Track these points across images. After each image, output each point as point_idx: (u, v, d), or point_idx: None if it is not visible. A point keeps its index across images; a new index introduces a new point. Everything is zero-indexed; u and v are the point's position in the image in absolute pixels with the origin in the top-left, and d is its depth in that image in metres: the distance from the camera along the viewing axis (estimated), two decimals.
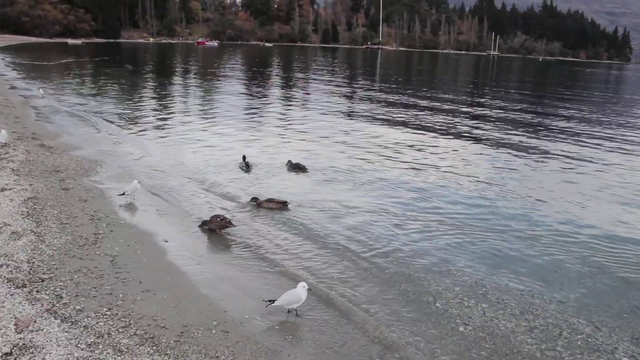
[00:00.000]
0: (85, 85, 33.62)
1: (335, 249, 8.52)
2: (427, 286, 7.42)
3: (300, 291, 6.17)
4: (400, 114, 25.38)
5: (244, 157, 13.72)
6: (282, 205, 10.44)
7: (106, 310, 5.72)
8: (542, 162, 15.82)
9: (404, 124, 22.09)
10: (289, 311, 6.27)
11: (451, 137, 19.65)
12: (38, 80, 32.98)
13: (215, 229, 8.81)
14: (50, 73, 40.62)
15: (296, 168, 13.51)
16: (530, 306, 6.98)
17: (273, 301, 6.16)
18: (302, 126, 20.77)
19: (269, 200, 10.49)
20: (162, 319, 5.76)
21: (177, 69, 55.60)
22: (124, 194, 9.95)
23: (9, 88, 28.05)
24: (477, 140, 19.20)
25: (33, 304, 5.46)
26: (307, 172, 13.42)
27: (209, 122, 20.82)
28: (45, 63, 49.87)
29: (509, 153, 16.92)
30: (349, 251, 8.48)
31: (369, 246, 8.72)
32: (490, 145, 18.14)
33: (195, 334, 5.56)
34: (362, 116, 24.51)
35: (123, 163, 13.24)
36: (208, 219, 9.02)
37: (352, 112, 26.40)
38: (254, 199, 10.48)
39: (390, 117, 24.07)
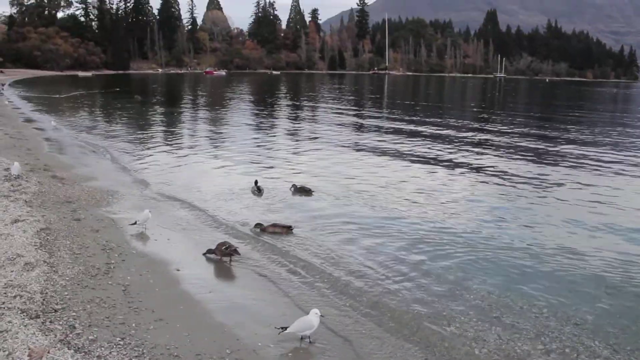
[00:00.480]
0: (96, 117, 34.09)
1: (345, 274, 8.49)
2: (441, 310, 7.35)
3: (313, 318, 6.13)
4: (407, 140, 25.44)
5: (255, 182, 13.86)
6: (287, 229, 10.47)
7: (119, 340, 5.70)
8: (553, 184, 15.72)
9: (411, 150, 22.11)
10: (302, 338, 6.22)
11: (459, 161, 19.64)
12: (50, 113, 33.44)
13: (221, 256, 8.82)
14: (61, 105, 41.21)
15: (301, 191, 13.60)
16: (545, 328, 6.90)
17: (285, 328, 6.13)
18: (311, 152, 20.86)
19: (274, 225, 10.51)
20: (175, 347, 5.73)
21: (186, 99, 56.24)
22: (135, 223, 10.00)
23: (22, 121, 28.47)
24: (486, 163, 19.17)
25: (46, 335, 5.47)
26: (313, 195, 13.48)
27: (218, 151, 20.98)
28: (57, 96, 50.61)
29: (518, 176, 16.84)
30: (359, 275, 8.45)
31: (379, 270, 8.69)
32: (499, 169, 18.08)
33: None
34: (369, 141, 24.58)
35: (134, 192, 13.34)
36: (214, 246, 9.04)
37: (359, 137, 26.49)
38: (258, 225, 10.49)
39: (397, 143, 24.13)
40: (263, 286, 7.94)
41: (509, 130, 29.78)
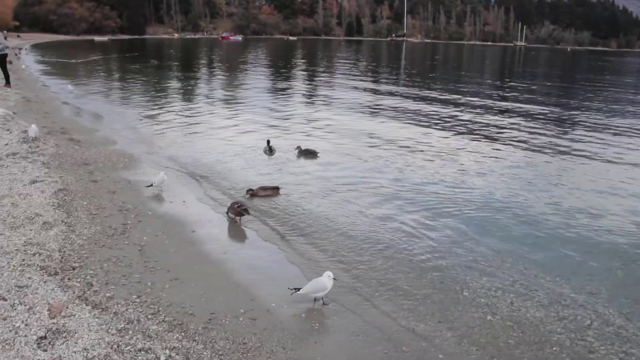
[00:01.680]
0: (113, 82, 34.12)
1: (358, 237, 8.50)
2: (455, 275, 7.36)
3: (326, 280, 6.18)
4: (422, 106, 25.19)
5: (268, 142, 14.10)
6: (275, 190, 10.55)
7: (135, 298, 5.80)
8: (572, 154, 15.53)
9: (425, 117, 21.90)
10: (315, 300, 6.29)
11: (475, 127, 19.44)
12: (67, 77, 33.53)
13: (234, 215, 8.90)
14: (78, 70, 41.28)
15: (307, 153, 13.73)
16: (559, 296, 6.88)
17: (298, 289, 6.19)
18: (323, 116, 20.76)
19: (263, 188, 10.52)
20: (191, 306, 5.82)
21: (202, 64, 56.02)
22: (151, 185, 10.08)
23: (40, 85, 28.61)
24: (502, 130, 18.95)
25: (65, 291, 5.57)
26: (318, 157, 13.60)
27: (233, 114, 20.97)
28: (74, 60, 50.67)
29: (536, 145, 16.66)
30: (372, 239, 8.45)
31: (390, 233, 8.69)
32: (516, 136, 17.88)
33: (223, 321, 5.62)
34: (384, 108, 24.39)
35: (150, 155, 13.44)
36: (228, 205, 9.16)
37: (373, 104, 26.25)
38: (249, 190, 10.43)
39: (411, 110, 23.91)
40: (276, 248, 7.98)
41: (526, 102, 29.34)
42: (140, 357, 4.55)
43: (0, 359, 4.33)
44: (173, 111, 21.39)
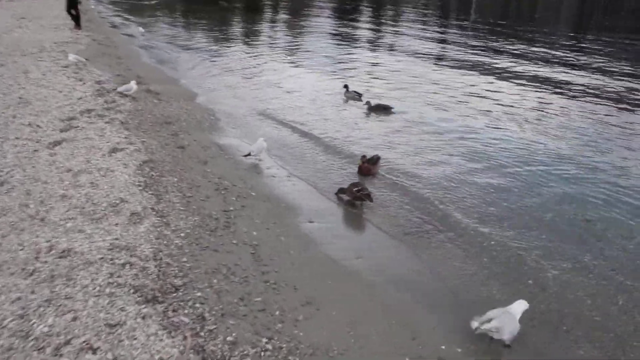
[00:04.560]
0: (184, 23, 32.52)
1: (510, 232, 6.58)
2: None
3: (518, 310, 4.43)
4: (496, 60, 22.29)
5: (346, 87, 13.35)
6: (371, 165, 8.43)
7: (265, 342, 4.09)
8: None
9: (497, 72, 19.13)
10: (491, 338, 4.46)
11: (556, 79, 16.72)
12: (136, 17, 32.09)
13: (352, 198, 7.17)
14: (148, 10, 39.80)
15: (378, 109, 12.21)
16: None
17: (478, 326, 4.40)
18: (390, 64, 18.52)
19: (373, 162, 8.44)
20: (340, 354, 4.11)
21: (268, 7, 53.50)
22: (249, 154, 8.42)
23: (109, 27, 27.27)
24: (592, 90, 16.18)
25: (173, 337, 3.93)
26: (393, 112, 12.14)
27: (307, 62, 18.92)
28: (146, 2, 49.18)
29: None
30: (546, 236, 6.52)
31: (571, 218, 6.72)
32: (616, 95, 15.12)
33: None
34: (452, 59, 21.70)
35: (237, 112, 11.85)
36: (345, 186, 7.38)
37: (440, 54, 23.46)
38: (364, 159, 8.38)
39: (485, 64, 21.13)
40: (415, 249, 6.14)
41: (603, 65, 25.74)
42: None
43: None
44: (243, 58, 19.52)
